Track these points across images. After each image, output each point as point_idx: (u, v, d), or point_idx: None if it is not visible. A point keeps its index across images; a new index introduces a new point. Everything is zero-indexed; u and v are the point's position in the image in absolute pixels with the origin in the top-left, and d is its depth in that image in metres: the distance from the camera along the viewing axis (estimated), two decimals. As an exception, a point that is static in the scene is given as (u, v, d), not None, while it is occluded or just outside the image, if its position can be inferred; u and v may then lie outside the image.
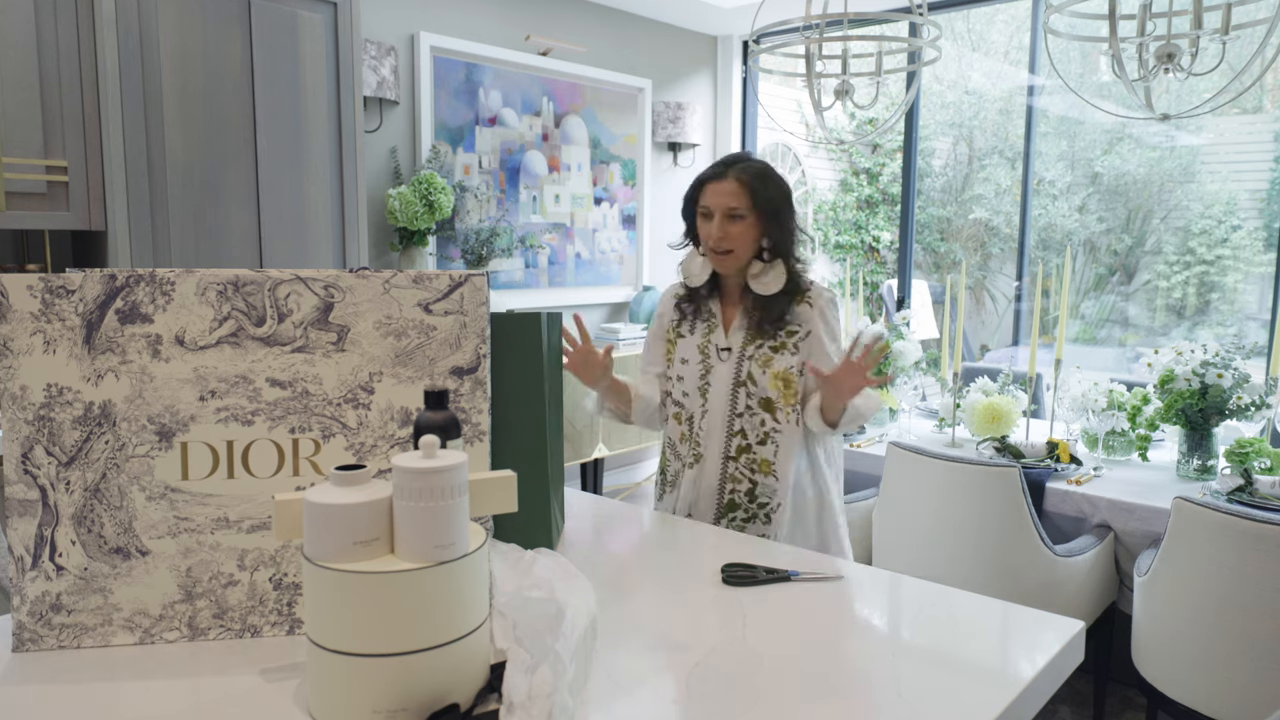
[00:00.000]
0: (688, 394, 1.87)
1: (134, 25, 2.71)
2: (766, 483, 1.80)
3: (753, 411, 1.80)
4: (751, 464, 1.80)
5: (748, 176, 1.74)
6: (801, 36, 3.09)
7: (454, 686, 0.94)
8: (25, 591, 1.12)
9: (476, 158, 4.31)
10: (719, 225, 1.74)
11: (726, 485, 1.82)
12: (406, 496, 0.92)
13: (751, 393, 1.80)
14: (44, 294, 1.09)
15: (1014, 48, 6.90)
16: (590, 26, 4.77)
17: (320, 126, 3.17)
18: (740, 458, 1.81)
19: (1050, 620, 1.24)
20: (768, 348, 1.80)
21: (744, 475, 1.81)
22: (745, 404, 1.80)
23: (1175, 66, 2.56)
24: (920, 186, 6.31)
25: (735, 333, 1.83)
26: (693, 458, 1.85)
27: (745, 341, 1.81)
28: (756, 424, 1.80)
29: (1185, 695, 2.07)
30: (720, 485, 1.82)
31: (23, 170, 2.56)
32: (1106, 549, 2.43)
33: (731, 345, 1.83)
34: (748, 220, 1.74)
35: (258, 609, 1.16)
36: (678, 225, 1.90)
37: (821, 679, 1.07)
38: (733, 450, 1.82)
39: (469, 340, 1.19)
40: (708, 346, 1.85)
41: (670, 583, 1.37)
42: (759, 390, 1.79)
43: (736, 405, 1.81)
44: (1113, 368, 6.13)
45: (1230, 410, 2.51)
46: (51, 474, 1.11)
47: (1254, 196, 5.90)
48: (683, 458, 1.88)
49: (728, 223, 1.74)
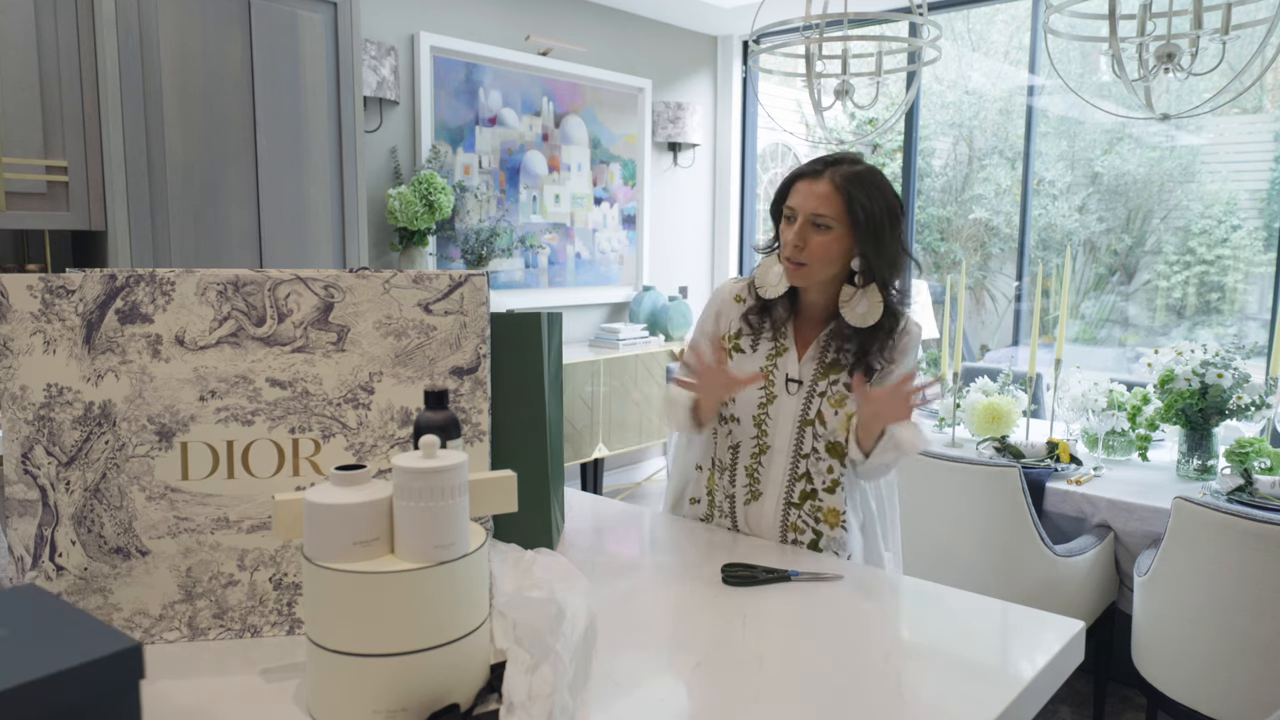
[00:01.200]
0: (739, 419, 1.63)
1: (134, 25, 2.71)
2: (834, 535, 1.59)
3: (819, 456, 1.58)
4: (816, 512, 1.59)
5: (846, 180, 1.48)
6: (801, 36, 3.09)
7: (454, 686, 0.94)
8: (25, 591, 1.12)
9: (476, 158, 4.31)
10: (799, 232, 1.50)
11: (788, 534, 1.61)
12: (407, 496, 0.92)
13: (820, 434, 1.58)
14: (44, 294, 1.09)
15: (1014, 48, 6.90)
16: (590, 26, 4.77)
17: (320, 126, 3.17)
18: (804, 504, 1.60)
19: (1050, 620, 1.24)
20: (842, 385, 1.57)
21: (807, 525, 1.60)
22: (812, 445, 1.59)
23: (1175, 66, 2.56)
24: (920, 186, 6.31)
25: (808, 363, 1.59)
26: (749, 495, 1.63)
27: (817, 375, 1.58)
28: (823, 470, 1.59)
29: (1185, 695, 2.07)
30: (781, 533, 1.61)
31: (23, 170, 2.56)
32: (1106, 549, 2.43)
33: (803, 378, 1.59)
34: (835, 232, 1.49)
35: (258, 609, 1.16)
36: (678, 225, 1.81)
37: (821, 679, 1.06)
38: (795, 496, 1.60)
39: (469, 340, 1.19)
40: (774, 373, 1.60)
41: (670, 583, 1.37)
42: (828, 433, 1.57)
43: (802, 446, 1.59)
44: (1113, 368, 6.13)
45: (1230, 410, 2.51)
46: (51, 474, 1.11)
47: (1254, 196, 5.90)
48: (726, 489, 1.67)
49: (811, 231, 1.49)
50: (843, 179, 1.48)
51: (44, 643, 0.75)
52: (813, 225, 1.49)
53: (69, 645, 0.74)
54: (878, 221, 1.48)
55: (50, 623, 0.78)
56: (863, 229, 1.48)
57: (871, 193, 1.48)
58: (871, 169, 1.52)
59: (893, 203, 1.51)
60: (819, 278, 1.53)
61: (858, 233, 1.48)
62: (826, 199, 1.48)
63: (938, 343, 4.43)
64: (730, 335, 1.66)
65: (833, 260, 1.51)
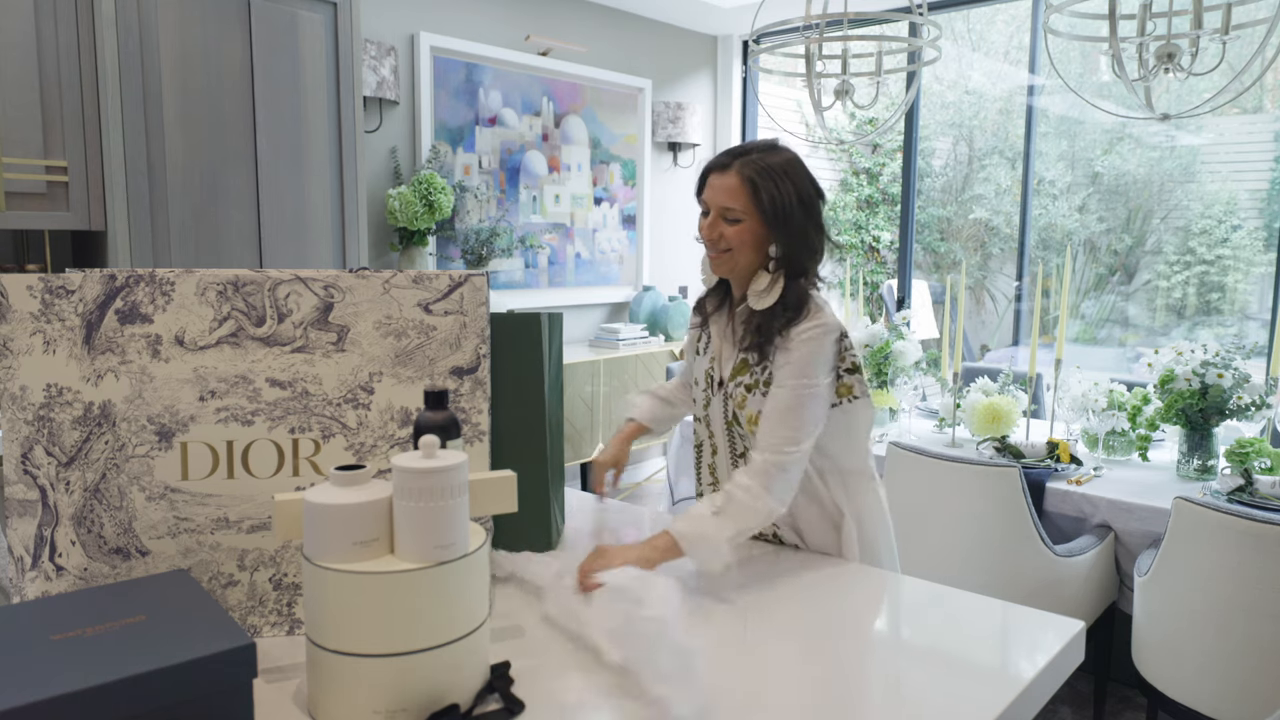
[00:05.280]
0: (699, 421, 1.65)
1: (134, 25, 2.71)
2: (787, 535, 1.58)
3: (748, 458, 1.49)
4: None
5: (754, 171, 1.47)
6: (801, 36, 3.09)
7: (454, 686, 0.94)
8: (25, 592, 1.12)
9: (476, 158, 4.31)
10: (711, 225, 1.51)
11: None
12: (406, 496, 0.92)
13: (740, 434, 1.55)
14: (44, 294, 1.09)
15: (1014, 48, 6.90)
16: (590, 26, 4.77)
17: (320, 127, 3.17)
18: None
19: (1050, 620, 1.24)
20: (743, 386, 1.52)
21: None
22: (743, 445, 1.55)
23: (1175, 66, 2.56)
24: (920, 186, 6.31)
25: (726, 362, 1.57)
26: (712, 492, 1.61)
27: (732, 374, 1.55)
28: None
29: (1185, 695, 2.07)
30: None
31: (23, 170, 2.56)
32: (1106, 549, 2.43)
33: (724, 376, 1.57)
34: (746, 224, 1.48)
35: (258, 609, 1.16)
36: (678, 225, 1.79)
37: (821, 679, 1.06)
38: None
39: (469, 340, 1.19)
40: (712, 372, 1.60)
41: (669, 582, 1.37)
42: (746, 433, 1.53)
43: (735, 446, 1.57)
44: (1113, 368, 6.13)
45: (1230, 410, 2.51)
46: (51, 474, 1.11)
47: (1254, 196, 5.90)
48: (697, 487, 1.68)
49: (723, 224, 1.50)
50: (751, 170, 1.47)
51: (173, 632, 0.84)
52: (723, 219, 1.49)
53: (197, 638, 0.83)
54: (787, 209, 1.47)
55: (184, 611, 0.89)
56: (770, 217, 1.47)
57: (780, 181, 1.47)
58: (786, 157, 1.50)
59: (804, 187, 1.49)
60: (741, 264, 1.51)
61: (767, 221, 1.47)
62: (733, 192, 1.48)
63: (938, 343, 4.43)
64: (694, 339, 1.67)
65: (748, 247, 1.50)
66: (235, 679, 0.82)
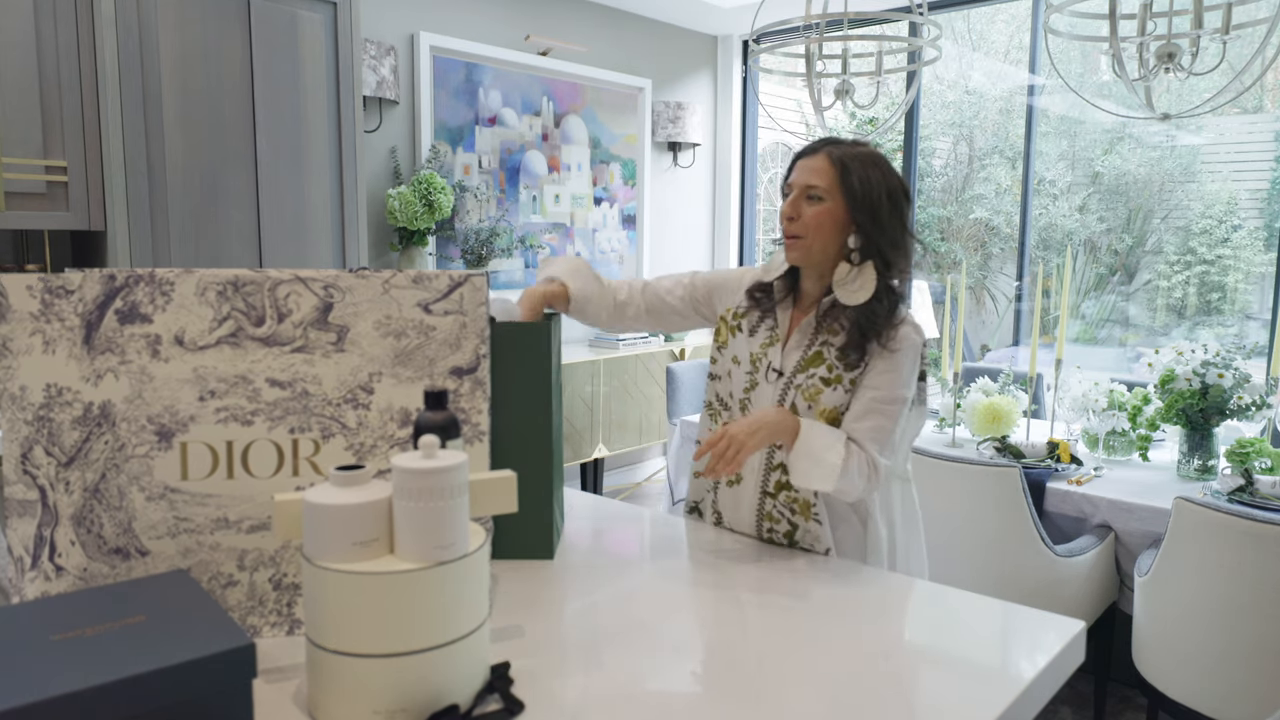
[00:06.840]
0: (727, 404, 1.63)
1: (134, 25, 2.71)
2: (809, 528, 1.54)
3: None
4: (791, 504, 1.55)
5: (842, 155, 1.47)
6: (801, 36, 3.09)
7: (454, 687, 0.94)
8: (25, 592, 1.11)
9: (476, 158, 4.31)
10: (793, 203, 1.48)
11: (764, 524, 1.58)
12: (406, 497, 0.92)
13: None
14: (43, 294, 1.09)
15: (1014, 47, 6.90)
16: (590, 26, 4.77)
17: (320, 126, 3.17)
18: (779, 495, 1.55)
19: (1051, 620, 1.24)
20: (819, 378, 1.50)
21: (783, 515, 1.56)
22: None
23: (1175, 66, 2.56)
24: (920, 186, 6.31)
25: (791, 352, 1.55)
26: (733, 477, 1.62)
27: (798, 367, 1.53)
28: None
29: (1186, 695, 2.06)
30: (757, 523, 1.59)
31: (22, 170, 2.56)
32: (1107, 549, 2.43)
33: (784, 368, 1.54)
34: (828, 205, 1.46)
35: (257, 609, 1.16)
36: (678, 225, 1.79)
37: (822, 679, 1.06)
38: (770, 485, 1.56)
39: (468, 340, 1.19)
40: (761, 360, 1.57)
41: (670, 583, 1.37)
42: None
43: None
44: (1113, 368, 6.13)
45: (1231, 410, 2.51)
46: (51, 474, 1.11)
47: (1254, 196, 5.90)
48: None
49: (805, 203, 1.47)
50: (839, 154, 1.48)
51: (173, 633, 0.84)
52: (807, 198, 1.48)
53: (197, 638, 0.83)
54: (874, 195, 1.46)
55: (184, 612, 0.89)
56: (857, 201, 1.46)
57: (869, 168, 1.47)
58: (874, 151, 1.51)
59: (893, 182, 1.49)
60: (815, 252, 1.50)
61: (852, 205, 1.46)
62: (820, 171, 1.48)
63: (938, 343, 4.43)
64: (735, 312, 1.64)
65: (826, 231, 1.48)
66: (235, 679, 0.82)
